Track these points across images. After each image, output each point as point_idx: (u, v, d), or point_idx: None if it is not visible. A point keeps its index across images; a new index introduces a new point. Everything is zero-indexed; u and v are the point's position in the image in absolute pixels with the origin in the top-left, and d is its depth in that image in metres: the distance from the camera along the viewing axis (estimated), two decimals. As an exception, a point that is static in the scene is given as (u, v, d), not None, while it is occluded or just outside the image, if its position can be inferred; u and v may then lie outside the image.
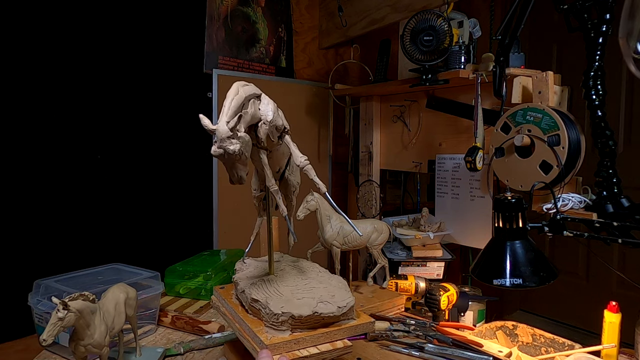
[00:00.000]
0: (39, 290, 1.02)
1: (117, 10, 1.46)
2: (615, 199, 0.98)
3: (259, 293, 0.76)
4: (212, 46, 1.71)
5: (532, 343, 1.09)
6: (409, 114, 1.69)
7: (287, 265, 0.92)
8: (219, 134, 0.62)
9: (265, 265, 0.90)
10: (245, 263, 0.95)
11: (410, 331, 1.07)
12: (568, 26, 1.05)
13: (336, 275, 0.88)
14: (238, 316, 0.79)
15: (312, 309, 0.72)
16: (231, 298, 0.88)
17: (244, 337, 0.75)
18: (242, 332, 0.77)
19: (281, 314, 0.70)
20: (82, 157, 1.40)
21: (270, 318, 0.71)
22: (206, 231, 1.73)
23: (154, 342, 1.06)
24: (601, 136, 0.99)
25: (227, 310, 0.86)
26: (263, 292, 0.76)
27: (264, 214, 0.90)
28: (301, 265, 0.92)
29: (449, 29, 1.22)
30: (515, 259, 0.90)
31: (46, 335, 0.68)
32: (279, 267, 0.90)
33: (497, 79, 1.13)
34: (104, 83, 1.44)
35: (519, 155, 1.12)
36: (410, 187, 2.13)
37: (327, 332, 0.73)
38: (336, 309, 0.73)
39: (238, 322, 0.79)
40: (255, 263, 0.95)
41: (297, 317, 0.70)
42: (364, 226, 1.23)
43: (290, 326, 0.71)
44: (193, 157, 1.68)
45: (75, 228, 1.39)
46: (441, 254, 1.46)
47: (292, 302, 0.73)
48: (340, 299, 0.75)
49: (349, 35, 1.86)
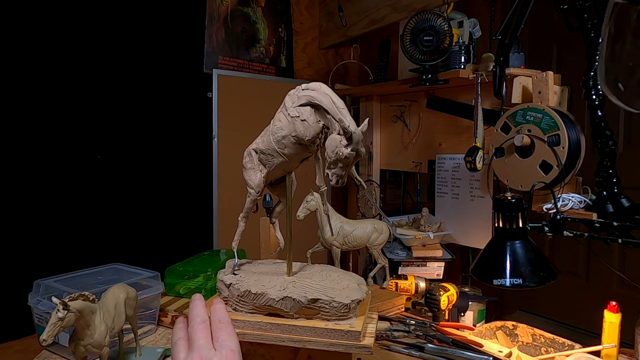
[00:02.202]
0: (39, 290, 1.02)
1: (117, 10, 1.46)
2: (615, 199, 0.98)
3: (312, 293, 0.71)
4: (212, 46, 1.71)
5: (532, 343, 1.09)
6: (409, 114, 1.69)
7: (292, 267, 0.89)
8: (357, 137, 0.62)
9: (263, 270, 0.81)
10: (238, 274, 0.77)
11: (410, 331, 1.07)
12: (568, 26, 1.05)
13: (328, 265, 0.87)
14: (294, 325, 0.70)
15: (362, 292, 0.72)
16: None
17: (325, 342, 0.69)
18: (311, 340, 0.69)
19: (350, 302, 0.69)
20: (82, 157, 1.40)
21: (339, 310, 0.70)
22: (206, 231, 1.73)
23: (154, 342, 1.06)
24: (601, 136, 0.99)
25: (265, 325, 0.72)
26: (315, 291, 0.72)
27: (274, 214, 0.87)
28: (302, 266, 0.90)
29: (449, 29, 1.22)
30: (515, 259, 0.90)
31: (46, 335, 0.68)
32: (281, 269, 0.83)
33: (497, 79, 1.13)
34: (104, 83, 1.44)
35: (519, 155, 1.12)
36: (410, 187, 2.13)
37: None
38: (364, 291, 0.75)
39: (298, 332, 0.70)
40: (249, 270, 0.81)
41: (361, 301, 0.71)
42: (364, 226, 1.23)
43: (355, 312, 0.71)
44: (193, 157, 1.68)
45: (75, 228, 1.39)
46: (441, 254, 1.46)
47: (342, 291, 0.72)
48: (354, 285, 0.77)
49: (349, 35, 1.86)
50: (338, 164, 0.64)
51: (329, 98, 0.66)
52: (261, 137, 0.76)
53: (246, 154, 0.77)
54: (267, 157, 0.74)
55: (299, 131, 0.68)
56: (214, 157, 1.73)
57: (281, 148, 0.71)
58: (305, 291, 0.71)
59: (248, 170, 0.76)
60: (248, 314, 0.71)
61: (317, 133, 0.68)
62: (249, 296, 0.71)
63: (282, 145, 0.70)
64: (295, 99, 0.69)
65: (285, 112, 0.69)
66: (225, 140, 1.74)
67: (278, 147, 0.71)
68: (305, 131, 0.67)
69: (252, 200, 0.77)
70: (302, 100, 0.68)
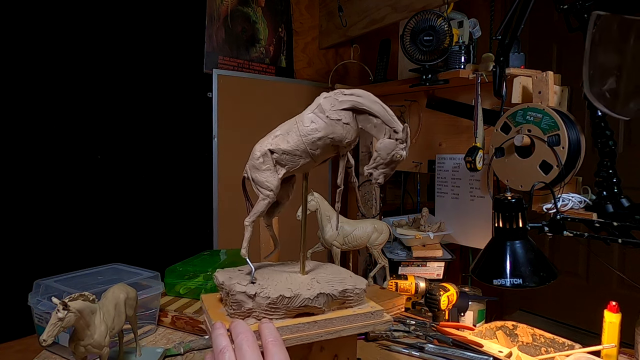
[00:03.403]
0: (39, 290, 1.02)
1: (117, 10, 1.46)
2: (615, 199, 0.98)
3: (338, 285, 0.74)
4: (212, 46, 1.71)
5: (532, 343, 1.09)
6: (409, 114, 1.69)
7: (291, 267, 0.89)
8: (408, 141, 0.71)
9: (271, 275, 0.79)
10: (256, 282, 0.74)
11: (410, 331, 1.07)
12: (568, 26, 1.05)
13: (320, 262, 0.88)
14: (329, 319, 0.72)
15: (368, 279, 0.79)
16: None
17: (357, 326, 0.74)
18: (345, 328, 0.73)
19: (366, 286, 0.76)
20: (82, 157, 1.40)
21: (360, 296, 0.76)
22: (206, 231, 1.73)
23: (154, 342, 1.06)
24: (601, 136, 0.99)
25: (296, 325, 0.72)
26: (338, 283, 0.75)
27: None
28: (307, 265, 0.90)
29: (449, 29, 1.22)
30: (515, 259, 0.90)
31: (46, 336, 0.68)
32: (285, 270, 0.83)
33: (497, 79, 1.13)
34: (104, 83, 1.44)
35: (519, 155, 1.12)
36: (410, 187, 2.13)
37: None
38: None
39: (333, 324, 0.72)
40: (259, 277, 0.78)
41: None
42: (364, 226, 1.23)
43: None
44: (193, 157, 1.68)
45: (75, 228, 1.39)
46: (441, 254, 1.46)
47: (351, 279, 0.77)
48: (349, 274, 0.82)
49: (349, 35, 1.86)
50: (390, 165, 0.73)
51: (380, 106, 0.71)
52: (282, 137, 0.73)
53: (259, 155, 0.72)
54: (291, 157, 0.72)
55: (337, 133, 0.70)
56: (214, 157, 1.73)
57: (313, 149, 0.71)
58: (331, 285, 0.74)
59: (263, 172, 0.73)
60: (280, 319, 0.69)
61: (355, 136, 0.72)
62: (283, 301, 0.69)
63: (315, 147, 0.71)
64: (336, 103, 0.71)
65: (322, 114, 0.71)
66: (225, 140, 1.74)
67: (310, 148, 0.71)
68: (346, 134, 0.71)
69: (267, 204, 0.74)
70: (345, 104, 0.70)
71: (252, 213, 0.74)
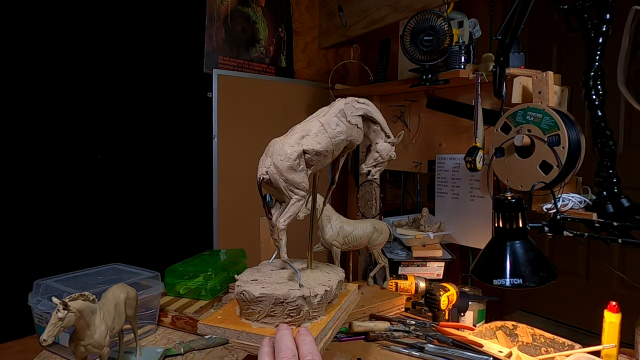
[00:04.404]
0: (39, 290, 1.02)
1: (117, 10, 1.46)
2: (615, 199, 0.98)
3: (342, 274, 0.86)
4: (212, 46, 1.71)
5: (532, 343, 1.09)
6: (409, 114, 1.69)
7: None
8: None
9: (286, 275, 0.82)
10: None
11: (410, 331, 1.07)
12: (568, 26, 1.05)
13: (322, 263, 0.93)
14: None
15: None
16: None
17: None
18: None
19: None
20: (82, 157, 1.40)
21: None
22: (206, 231, 1.73)
23: (154, 342, 1.06)
24: (601, 136, 0.99)
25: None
26: (341, 271, 0.87)
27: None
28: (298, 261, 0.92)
29: (449, 29, 1.22)
30: (515, 259, 0.90)
31: (46, 336, 0.68)
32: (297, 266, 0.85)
33: (497, 79, 1.13)
34: (104, 83, 1.44)
35: (519, 155, 1.12)
36: (410, 187, 2.13)
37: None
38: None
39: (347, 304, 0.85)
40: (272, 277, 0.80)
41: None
42: (364, 226, 1.23)
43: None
44: (193, 157, 1.68)
45: (75, 228, 1.39)
46: (441, 254, 1.46)
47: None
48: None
49: (349, 35, 1.86)
50: (385, 163, 0.86)
51: (380, 115, 0.84)
52: (312, 138, 0.73)
53: (296, 156, 0.70)
54: (319, 158, 0.74)
55: (354, 136, 0.80)
56: (214, 157, 1.73)
57: (337, 150, 0.78)
58: (338, 274, 0.85)
59: (299, 173, 0.71)
60: (326, 314, 0.77)
61: (362, 139, 0.83)
62: (326, 295, 0.76)
63: (337, 147, 0.78)
64: (353, 110, 0.80)
65: (344, 118, 0.78)
66: (225, 140, 1.75)
67: (335, 149, 0.78)
68: (359, 137, 0.82)
69: (301, 205, 0.72)
70: (360, 112, 0.80)
71: (287, 216, 0.72)
